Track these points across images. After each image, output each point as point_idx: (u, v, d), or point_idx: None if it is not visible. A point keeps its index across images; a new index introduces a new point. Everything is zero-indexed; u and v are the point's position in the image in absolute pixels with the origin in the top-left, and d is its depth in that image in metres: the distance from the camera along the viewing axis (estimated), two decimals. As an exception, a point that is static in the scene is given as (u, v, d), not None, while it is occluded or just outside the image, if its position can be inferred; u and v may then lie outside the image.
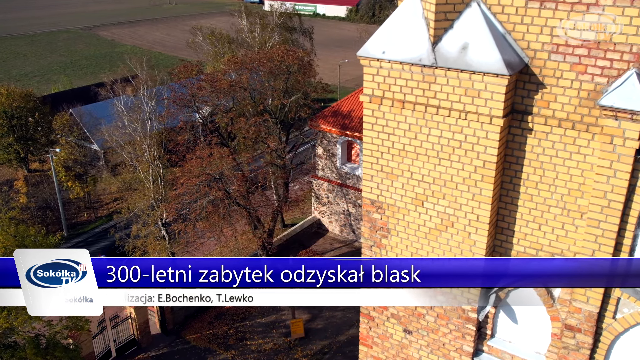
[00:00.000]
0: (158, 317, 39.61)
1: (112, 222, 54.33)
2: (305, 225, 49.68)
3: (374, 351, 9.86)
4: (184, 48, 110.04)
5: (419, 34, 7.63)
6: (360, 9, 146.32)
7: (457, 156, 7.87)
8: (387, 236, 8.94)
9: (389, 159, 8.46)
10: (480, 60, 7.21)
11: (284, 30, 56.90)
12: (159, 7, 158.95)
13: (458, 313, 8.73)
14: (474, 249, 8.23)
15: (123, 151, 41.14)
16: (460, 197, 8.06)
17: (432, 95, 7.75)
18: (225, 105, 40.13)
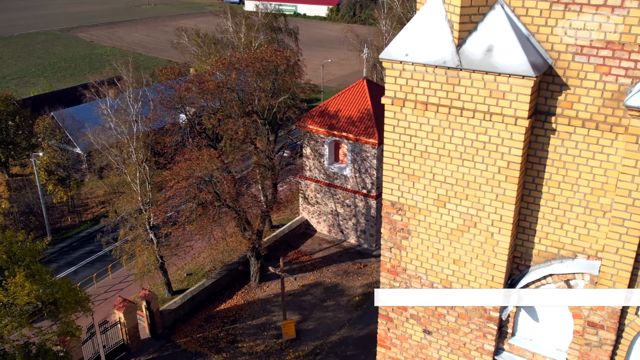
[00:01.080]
0: (147, 322, 39.30)
1: (97, 226, 53.77)
2: (293, 226, 49.66)
3: (392, 352, 9.89)
4: (164, 49, 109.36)
5: (443, 37, 7.67)
6: (341, 9, 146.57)
7: (480, 157, 7.93)
8: (407, 237, 8.97)
9: (411, 160, 8.49)
10: (506, 62, 7.27)
11: (269, 30, 56.78)
12: (137, 8, 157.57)
13: (480, 312, 8.79)
14: (497, 249, 8.30)
15: (109, 154, 40.68)
16: (483, 197, 8.12)
17: (455, 97, 7.80)
18: (212, 107, 39.91)
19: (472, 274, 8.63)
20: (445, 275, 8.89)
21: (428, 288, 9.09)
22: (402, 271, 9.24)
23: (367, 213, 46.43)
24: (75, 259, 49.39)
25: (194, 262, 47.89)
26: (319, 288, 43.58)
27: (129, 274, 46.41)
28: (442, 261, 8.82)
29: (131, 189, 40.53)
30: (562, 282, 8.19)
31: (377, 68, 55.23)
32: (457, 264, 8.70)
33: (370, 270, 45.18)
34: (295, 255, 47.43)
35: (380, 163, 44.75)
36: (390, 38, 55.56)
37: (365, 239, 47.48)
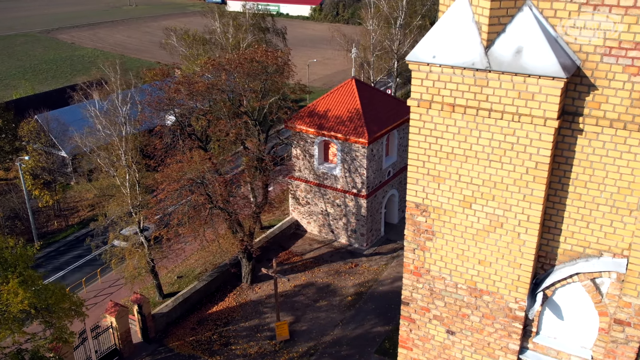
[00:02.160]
0: (139, 326, 38.97)
1: (85, 230, 53.20)
2: (283, 227, 49.57)
3: (414, 353, 9.91)
4: (147, 50, 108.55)
5: (471, 38, 7.70)
6: (324, 8, 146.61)
7: (508, 158, 7.98)
8: (431, 239, 8.99)
9: (436, 162, 8.52)
10: (536, 64, 7.32)
11: (257, 30, 56.59)
12: (118, 9, 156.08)
13: (505, 312, 8.85)
14: (523, 248, 8.36)
15: (98, 157, 40.24)
16: (510, 198, 8.17)
17: (483, 98, 7.84)
18: (202, 109, 39.67)
19: (498, 274, 8.68)
20: (470, 276, 8.93)
21: (452, 288, 9.12)
22: (425, 272, 9.26)
23: (357, 213, 46.50)
24: (63, 263, 48.81)
25: (184, 264, 47.59)
26: (311, 288, 43.56)
27: (118, 278, 45.98)
28: (467, 262, 8.85)
29: (121, 192, 40.13)
30: (589, 280, 8.27)
31: (364, 68, 55.38)
32: (483, 264, 8.74)
33: (362, 270, 45.28)
34: (287, 256, 47.36)
35: (370, 162, 44.88)
36: (378, 37, 55.73)
37: (356, 239, 47.55)
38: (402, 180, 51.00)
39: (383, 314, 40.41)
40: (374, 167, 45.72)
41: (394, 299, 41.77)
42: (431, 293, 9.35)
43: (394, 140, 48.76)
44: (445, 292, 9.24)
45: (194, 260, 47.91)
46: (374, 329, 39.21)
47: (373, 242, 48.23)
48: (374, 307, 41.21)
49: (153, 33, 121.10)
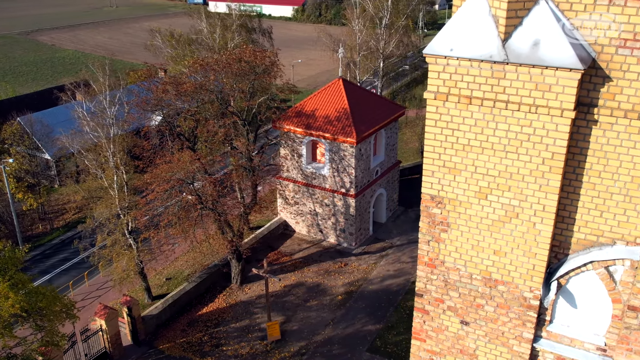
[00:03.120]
0: (129, 328, 38.69)
1: (71, 232, 52.69)
2: (272, 227, 49.52)
3: (427, 345, 10.02)
4: (128, 51, 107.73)
5: (488, 31, 7.83)
6: (306, 9, 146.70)
7: (524, 149, 8.13)
8: (446, 230, 9.11)
9: (452, 154, 8.64)
10: (554, 56, 7.47)
11: (244, 31, 56.48)
12: (99, 10, 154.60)
13: (519, 301, 9.00)
14: (539, 238, 8.51)
15: (85, 158, 39.87)
16: (526, 188, 8.32)
17: (500, 90, 7.97)
18: (190, 109, 39.53)
19: (513, 263, 8.82)
20: (485, 266, 9.06)
21: (467, 279, 9.25)
22: (440, 264, 9.38)
23: (346, 212, 46.62)
24: (49, 267, 48.27)
25: (172, 266, 47.35)
26: (301, 288, 43.58)
27: (106, 281, 45.63)
28: (482, 252, 8.99)
29: (108, 194, 39.80)
30: (603, 268, 8.45)
31: (350, 67, 55.57)
32: (498, 255, 8.88)
33: (351, 269, 45.40)
34: (276, 256, 47.33)
35: (358, 162, 45.02)
36: (363, 38, 55.95)
37: (345, 238, 47.68)
38: (390, 179, 51.27)
39: (373, 313, 40.56)
40: (362, 166, 45.89)
41: (384, 298, 41.98)
42: (445, 284, 9.47)
43: (381, 139, 48.99)
44: (459, 283, 9.37)
45: (182, 262, 47.67)
46: (365, 327, 39.33)
47: (362, 242, 48.39)
48: (364, 306, 41.34)
49: (134, 34, 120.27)
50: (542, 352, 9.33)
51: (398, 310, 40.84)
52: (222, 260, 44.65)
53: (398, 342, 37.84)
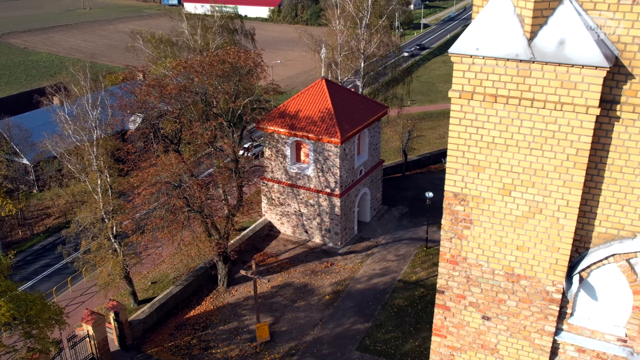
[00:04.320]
0: (116, 333, 38.26)
1: (52, 238, 51.90)
2: (257, 229, 49.39)
3: (447, 341, 10.14)
4: (103, 54, 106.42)
5: (513, 31, 7.98)
6: (282, 10, 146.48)
7: (549, 146, 8.29)
8: (469, 227, 9.24)
9: (476, 152, 8.77)
10: (580, 54, 7.65)
11: (225, 32, 56.20)
12: (72, 12, 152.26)
13: (542, 295, 9.17)
14: (562, 233, 8.69)
15: (68, 162, 39.29)
16: (550, 184, 8.49)
17: (526, 88, 8.13)
18: (174, 111, 39.22)
19: (536, 258, 8.99)
20: (507, 262, 9.21)
21: (489, 275, 9.39)
22: (462, 260, 9.51)
23: (331, 212, 46.71)
24: (31, 273, 47.46)
25: (157, 269, 46.96)
26: (289, 289, 43.56)
27: (89, 286, 45.07)
28: (505, 248, 9.14)
29: (92, 197, 39.27)
30: (624, 261, 8.66)
31: (332, 68, 55.72)
32: (521, 250, 9.04)
33: (338, 269, 45.51)
34: (262, 258, 47.22)
35: (343, 162, 45.15)
36: (345, 38, 56.13)
37: (331, 238, 47.77)
38: (374, 178, 51.52)
39: (361, 312, 40.72)
40: (346, 166, 46.04)
41: (371, 297, 42.18)
42: (467, 280, 9.60)
43: (364, 139, 49.22)
44: (481, 279, 9.51)
45: (167, 265, 47.31)
46: (354, 326, 39.46)
47: (347, 241, 48.53)
48: (352, 305, 41.47)
49: (109, 36, 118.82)
50: (562, 345, 9.52)
51: (386, 308, 41.06)
52: (208, 262, 44.40)
53: (387, 340, 38.05)
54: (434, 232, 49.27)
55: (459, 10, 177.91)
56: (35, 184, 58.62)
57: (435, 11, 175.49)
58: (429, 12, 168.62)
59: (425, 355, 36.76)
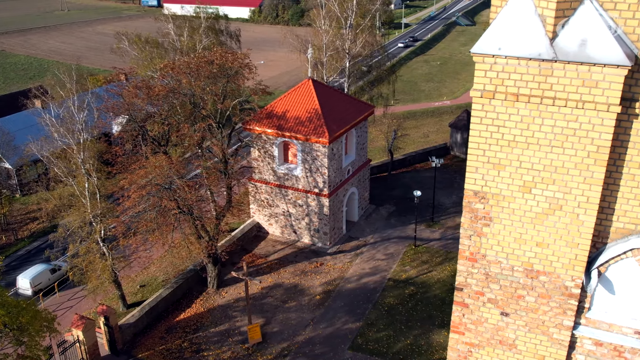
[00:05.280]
0: (106, 338, 37.91)
1: (37, 243, 51.25)
2: (245, 230, 49.27)
3: (465, 337, 10.25)
4: (83, 56, 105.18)
5: (535, 31, 8.11)
6: (263, 10, 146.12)
7: (570, 143, 8.44)
8: (489, 225, 9.36)
9: (497, 150, 8.89)
10: (602, 54, 7.80)
11: (211, 33, 55.93)
12: (50, 14, 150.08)
13: (561, 290, 9.32)
14: (582, 229, 8.84)
15: (54, 166, 38.83)
16: (571, 181, 8.64)
17: (547, 87, 8.26)
18: (162, 113, 38.96)
19: (555, 254, 9.14)
20: (527, 258, 9.35)
21: (508, 271, 9.52)
22: (481, 257, 9.62)
23: (319, 212, 46.78)
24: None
25: (145, 273, 46.63)
26: (279, 289, 43.53)
27: (77, 290, 44.59)
28: (525, 244, 9.27)
29: (80, 201, 38.84)
30: (642, 255, 8.84)
31: (317, 68, 55.77)
32: (540, 246, 9.18)
33: (327, 269, 45.58)
34: (251, 259, 47.11)
35: (331, 162, 45.22)
36: (330, 38, 56.23)
37: (319, 238, 47.84)
38: (361, 178, 51.71)
39: (352, 311, 40.83)
40: (334, 166, 46.15)
41: (362, 296, 42.31)
42: (486, 277, 9.73)
43: (352, 138, 49.36)
44: (500, 276, 9.64)
45: (156, 268, 47.01)
46: (345, 326, 39.57)
47: (336, 241, 48.64)
48: (342, 305, 41.57)
49: (88, 38, 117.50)
50: (580, 338, 9.69)
51: (376, 307, 41.22)
52: (197, 264, 44.18)
53: (379, 338, 38.21)
54: (421, 230, 49.62)
55: (439, 9, 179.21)
56: (18, 188, 57.80)
57: (416, 10, 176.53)
58: (409, 11, 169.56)
59: (417, 352, 37.00)
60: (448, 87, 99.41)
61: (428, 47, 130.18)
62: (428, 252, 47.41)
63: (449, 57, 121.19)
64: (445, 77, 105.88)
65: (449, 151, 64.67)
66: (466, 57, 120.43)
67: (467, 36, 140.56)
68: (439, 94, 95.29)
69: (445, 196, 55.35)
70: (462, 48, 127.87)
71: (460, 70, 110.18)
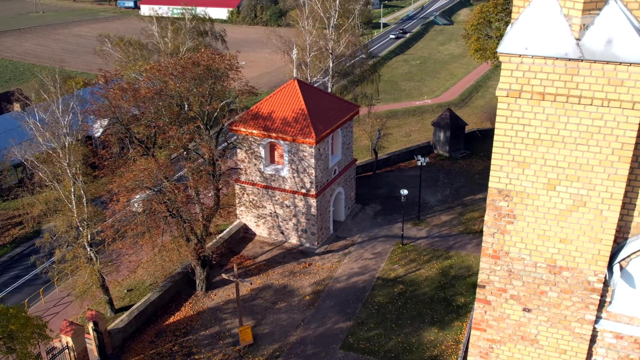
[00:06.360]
0: (95, 344, 37.49)
1: (19, 249, 50.40)
2: (232, 231, 49.05)
3: (487, 334, 10.38)
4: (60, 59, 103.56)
5: (561, 30, 8.25)
6: (241, 11, 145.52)
7: (595, 140, 8.61)
8: (512, 222, 9.50)
9: (522, 148, 9.02)
10: (628, 53, 7.97)
11: (196, 34, 55.62)
12: (24, 16, 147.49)
13: (583, 285, 9.50)
14: (605, 224, 9.02)
15: (39, 170, 38.23)
16: (595, 178, 8.81)
17: (573, 86, 8.41)
18: (149, 115, 38.63)
19: (578, 250, 9.30)
20: (550, 254, 9.51)
21: (531, 268, 9.67)
22: (504, 255, 9.76)
23: (307, 212, 46.80)
24: (0, 285, 46.00)
25: (132, 277, 46.16)
26: (268, 291, 43.44)
27: (63, 296, 43.99)
28: (548, 241, 9.43)
29: (66, 206, 38.31)
30: (664, 249, 9.05)
31: (301, 68, 55.76)
32: (564, 242, 9.34)
33: (316, 269, 45.61)
34: (239, 260, 46.92)
35: (318, 162, 45.25)
36: (313, 39, 56.26)
37: (307, 238, 47.85)
38: (347, 177, 51.84)
39: (343, 310, 40.93)
40: (321, 166, 46.21)
41: (352, 295, 42.43)
42: (509, 274, 9.86)
43: (338, 138, 49.48)
44: (523, 272, 9.79)
45: (143, 272, 46.56)
46: (336, 325, 39.65)
47: (324, 241, 48.71)
48: (332, 304, 41.65)
49: (65, 40, 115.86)
50: (601, 332, 9.89)
51: (366, 306, 41.38)
52: (185, 267, 43.88)
53: (370, 337, 38.36)
54: (408, 229, 49.92)
55: (416, 9, 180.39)
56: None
57: (394, 10, 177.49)
58: (387, 11, 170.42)
59: (408, 350, 37.23)
60: (428, 86, 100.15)
61: (407, 47, 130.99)
62: (415, 250, 47.71)
63: (428, 56, 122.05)
64: (425, 77, 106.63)
65: (432, 149, 65.18)
66: (445, 56, 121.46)
67: (445, 35, 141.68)
68: (419, 93, 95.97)
69: (430, 194, 55.78)
70: (440, 47, 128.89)
71: (439, 69, 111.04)
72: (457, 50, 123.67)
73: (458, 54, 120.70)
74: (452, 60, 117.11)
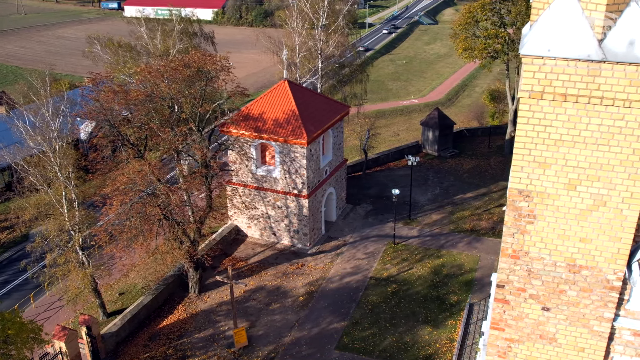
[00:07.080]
0: (89, 348, 37.14)
1: (7, 254, 49.77)
2: (224, 233, 48.86)
3: (505, 333, 10.46)
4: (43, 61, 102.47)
5: (584, 32, 8.34)
6: (226, 12, 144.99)
7: (616, 141, 8.72)
8: (532, 222, 9.58)
9: (543, 149, 9.10)
10: (650, 54, 8.07)
11: (185, 36, 55.31)
12: (6, 18, 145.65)
13: (603, 284, 9.61)
14: (625, 223, 9.13)
15: (28, 173, 37.77)
16: (615, 177, 8.92)
17: (595, 87, 8.51)
18: (141, 117, 38.33)
19: (598, 249, 9.41)
20: (570, 254, 9.60)
21: (550, 267, 9.76)
22: (524, 255, 9.83)
23: (299, 213, 46.77)
24: (-10, 290, 45.42)
25: (124, 280, 45.79)
26: (262, 292, 43.33)
27: (53, 301, 43.53)
28: (568, 240, 9.52)
29: (57, 210, 37.87)
30: (682, 247, 9.18)
31: (291, 69, 55.70)
32: (584, 242, 9.44)
33: (309, 270, 45.59)
34: (231, 262, 46.75)
35: (309, 163, 45.24)
36: (302, 40, 56.23)
37: (299, 239, 47.82)
38: (338, 178, 51.89)
39: (337, 311, 40.96)
40: (312, 166, 46.21)
41: (345, 295, 42.47)
42: (529, 274, 9.95)
43: (329, 139, 49.51)
44: (543, 272, 9.88)
45: (134, 275, 46.21)
46: (331, 325, 39.67)
47: (316, 241, 48.71)
48: (326, 305, 41.66)
49: (48, 42, 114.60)
50: (619, 330, 10.01)
51: (360, 306, 41.44)
52: (177, 270, 43.62)
53: (365, 337, 38.43)
54: (399, 228, 50.08)
55: (401, 9, 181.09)
56: None
57: (379, 10, 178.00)
58: (372, 11, 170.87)
59: (403, 349, 37.35)
60: (415, 86, 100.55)
61: (393, 47, 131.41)
62: (407, 249, 47.87)
63: (414, 56, 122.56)
64: (411, 76, 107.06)
65: (421, 149, 65.46)
66: (431, 55, 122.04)
67: (430, 35, 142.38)
68: (406, 93, 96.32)
69: (420, 194, 56.01)
70: (426, 47, 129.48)
71: (425, 69, 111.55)
72: (443, 49, 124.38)
73: (444, 54, 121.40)
74: (438, 59, 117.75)
